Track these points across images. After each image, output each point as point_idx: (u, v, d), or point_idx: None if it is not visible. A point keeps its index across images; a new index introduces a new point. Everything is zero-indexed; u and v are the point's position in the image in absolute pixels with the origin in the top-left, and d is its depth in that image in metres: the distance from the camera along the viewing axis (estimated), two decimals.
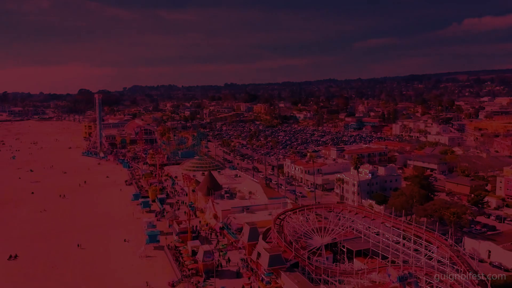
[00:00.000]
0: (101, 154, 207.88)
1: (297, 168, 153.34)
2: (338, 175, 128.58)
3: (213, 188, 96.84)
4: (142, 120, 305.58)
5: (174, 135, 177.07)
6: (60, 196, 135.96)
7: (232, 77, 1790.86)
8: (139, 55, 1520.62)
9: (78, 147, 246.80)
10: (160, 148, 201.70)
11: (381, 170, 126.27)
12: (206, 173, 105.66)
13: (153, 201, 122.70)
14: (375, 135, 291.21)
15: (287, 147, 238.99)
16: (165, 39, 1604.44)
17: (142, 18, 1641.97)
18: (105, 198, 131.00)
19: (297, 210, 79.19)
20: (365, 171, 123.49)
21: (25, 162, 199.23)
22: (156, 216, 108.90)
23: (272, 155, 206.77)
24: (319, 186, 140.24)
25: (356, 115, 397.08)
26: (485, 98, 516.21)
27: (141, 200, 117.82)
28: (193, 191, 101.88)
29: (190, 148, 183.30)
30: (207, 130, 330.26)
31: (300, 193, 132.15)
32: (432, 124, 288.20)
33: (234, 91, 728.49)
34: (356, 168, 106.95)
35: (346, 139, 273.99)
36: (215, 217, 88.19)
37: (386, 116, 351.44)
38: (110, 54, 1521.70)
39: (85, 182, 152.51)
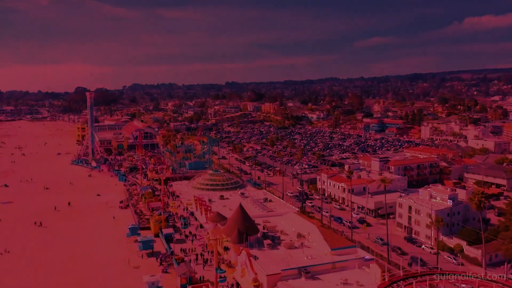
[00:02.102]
0: (93, 163, 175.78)
1: (337, 186, 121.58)
2: (402, 200, 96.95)
3: (247, 232, 64.95)
4: (142, 121, 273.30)
5: (182, 143, 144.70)
6: (35, 224, 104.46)
7: (232, 75, 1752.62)
8: (138, 54, 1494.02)
9: (69, 153, 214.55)
10: (163, 156, 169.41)
11: (461, 194, 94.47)
12: (236, 209, 70.37)
13: (156, 235, 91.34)
14: (401, 139, 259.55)
15: (309, 153, 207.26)
16: (165, 38, 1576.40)
17: (142, 16, 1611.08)
18: (92, 230, 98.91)
19: (401, 283, 47.37)
20: (442, 196, 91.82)
21: (2, 173, 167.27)
22: (161, 263, 77.41)
23: (295, 164, 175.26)
24: (370, 211, 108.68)
25: (373, 115, 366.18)
26: (496, 97, 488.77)
27: (140, 237, 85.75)
28: (226, 249, 67.53)
29: (200, 157, 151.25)
30: (214, 132, 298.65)
31: (350, 222, 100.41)
32: (467, 126, 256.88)
33: (236, 90, 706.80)
34: (480, 208, 71.20)
35: (372, 144, 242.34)
36: (256, 284, 56.37)
37: (410, 116, 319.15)
38: (110, 53, 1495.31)
39: (69, 203, 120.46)
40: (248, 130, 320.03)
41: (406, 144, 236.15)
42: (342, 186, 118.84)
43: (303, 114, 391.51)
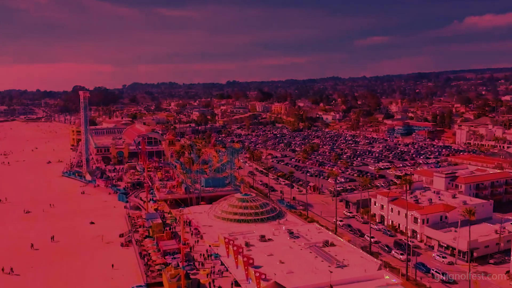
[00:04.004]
0: (87, 177, 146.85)
1: (403, 214, 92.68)
2: None
3: None
4: (145, 124, 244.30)
5: (199, 156, 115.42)
6: (3, 270, 75.92)
7: (232, 74, 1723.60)
8: (138, 53, 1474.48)
9: (61, 161, 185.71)
10: (172, 168, 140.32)
11: None
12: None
13: None
14: (434, 144, 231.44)
15: (337, 161, 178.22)
16: (165, 37, 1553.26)
17: (141, 15, 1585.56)
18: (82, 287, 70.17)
19: None
20: None
21: None
22: None
23: (328, 177, 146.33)
24: (462, 253, 79.73)
25: (394, 116, 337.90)
26: (507, 97, 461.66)
27: None
28: None
29: (219, 170, 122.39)
30: (223, 136, 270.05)
31: (443, 274, 71.65)
32: (509, 129, 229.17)
33: (238, 89, 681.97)
34: None
35: (405, 149, 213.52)
36: None
37: (438, 118, 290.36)
38: (109, 52, 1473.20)
39: (52, 238, 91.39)
40: (259, 132, 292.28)
41: (444, 150, 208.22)
42: (412, 215, 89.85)
43: (317, 115, 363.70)
